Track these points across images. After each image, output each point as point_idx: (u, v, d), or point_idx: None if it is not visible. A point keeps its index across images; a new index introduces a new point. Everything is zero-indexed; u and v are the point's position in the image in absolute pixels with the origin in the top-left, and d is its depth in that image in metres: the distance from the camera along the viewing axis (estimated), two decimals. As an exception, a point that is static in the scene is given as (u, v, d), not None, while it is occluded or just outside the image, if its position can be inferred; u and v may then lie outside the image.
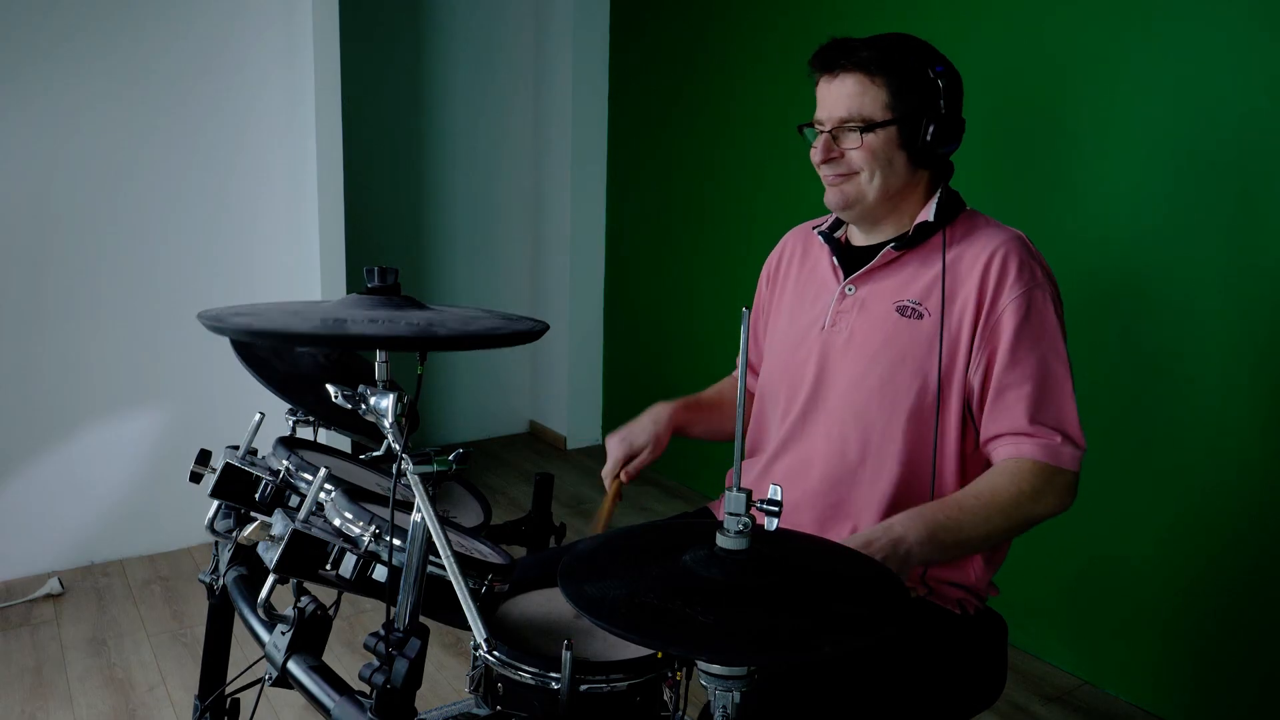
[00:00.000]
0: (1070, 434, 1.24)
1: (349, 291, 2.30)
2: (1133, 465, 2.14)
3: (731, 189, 3.23)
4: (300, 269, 2.91)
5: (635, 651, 0.94)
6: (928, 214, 1.30)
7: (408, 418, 0.91)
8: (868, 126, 1.27)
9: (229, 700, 1.35)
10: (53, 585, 2.57)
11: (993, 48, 2.34)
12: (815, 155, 1.32)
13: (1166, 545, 2.10)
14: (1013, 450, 1.24)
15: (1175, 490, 2.07)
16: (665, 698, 0.92)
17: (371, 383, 0.94)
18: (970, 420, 1.29)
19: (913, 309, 1.29)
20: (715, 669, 0.78)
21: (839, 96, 1.28)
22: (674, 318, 3.58)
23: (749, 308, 1.51)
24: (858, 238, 1.40)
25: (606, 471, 1.45)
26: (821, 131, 1.31)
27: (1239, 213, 1.93)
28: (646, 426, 1.46)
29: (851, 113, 1.27)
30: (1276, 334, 1.90)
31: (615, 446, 1.45)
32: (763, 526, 0.90)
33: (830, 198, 1.34)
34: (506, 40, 3.83)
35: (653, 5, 3.54)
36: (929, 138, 1.27)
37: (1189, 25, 1.96)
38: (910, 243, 1.31)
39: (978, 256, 1.27)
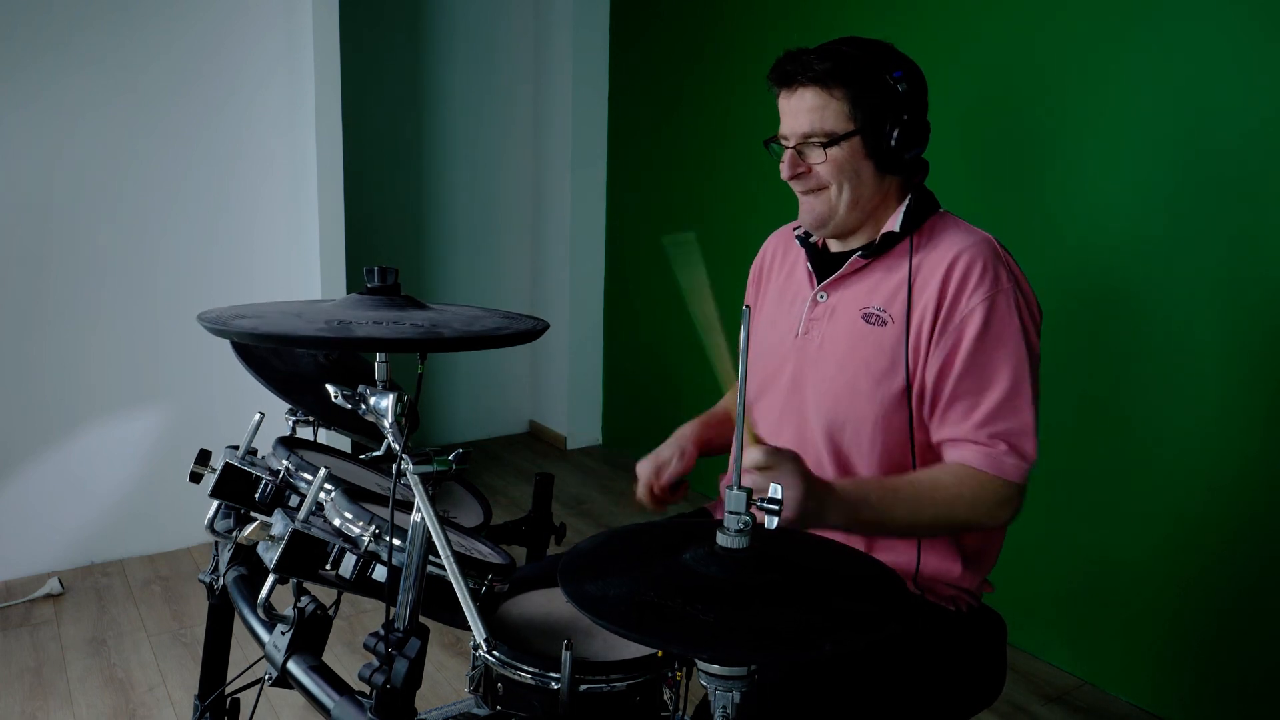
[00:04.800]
0: (1019, 445, 1.21)
1: (349, 291, 2.30)
2: (1131, 466, 2.14)
3: (731, 189, 3.23)
4: (300, 269, 2.91)
5: (635, 651, 0.95)
6: (893, 224, 1.30)
7: (408, 418, 0.91)
8: (831, 140, 1.26)
9: (229, 700, 1.35)
10: (53, 585, 2.57)
11: (987, 50, 2.34)
12: (783, 170, 1.31)
13: (1166, 546, 2.10)
14: (957, 456, 1.23)
15: (1174, 491, 2.07)
16: (665, 698, 0.92)
17: (371, 383, 0.94)
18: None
19: (877, 315, 1.28)
20: (715, 669, 0.78)
21: (799, 111, 1.28)
22: (674, 317, 3.58)
23: (750, 306, 1.51)
24: (834, 244, 1.40)
25: (639, 493, 1.42)
26: (786, 147, 1.31)
27: (1233, 217, 1.93)
28: (670, 442, 1.46)
29: (814, 127, 1.26)
30: (1273, 337, 1.90)
31: (642, 467, 1.42)
32: (763, 525, 0.90)
33: (804, 217, 1.34)
34: (506, 40, 3.83)
35: (653, 5, 3.54)
36: (893, 144, 1.26)
37: (1184, 27, 1.96)
38: (876, 251, 1.30)
39: (941, 260, 1.25)
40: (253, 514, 1.12)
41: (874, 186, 1.30)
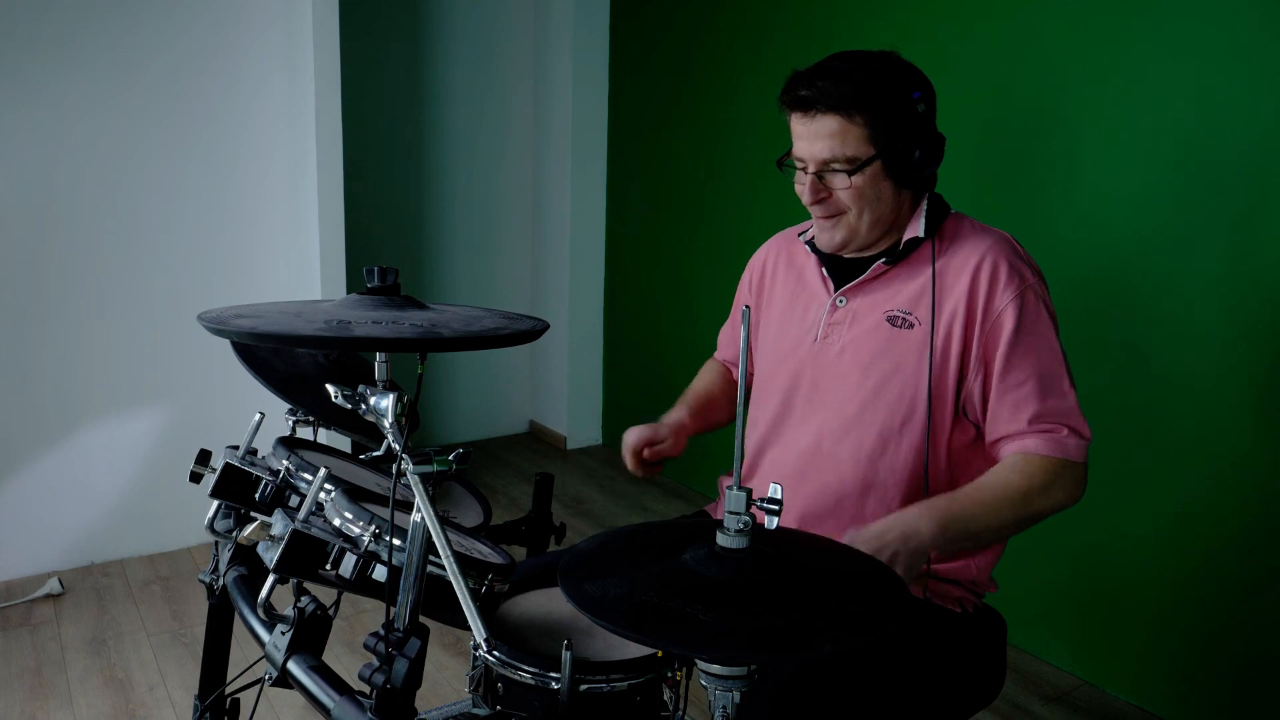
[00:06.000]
0: (1073, 425, 1.25)
1: (349, 291, 2.30)
2: (1131, 467, 2.14)
3: (731, 189, 3.23)
4: (300, 269, 2.91)
5: (635, 651, 0.95)
6: (916, 229, 1.30)
7: (408, 418, 0.91)
8: (854, 167, 1.25)
9: (229, 700, 1.35)
10: (53, 585, 2.57)
11: (989, 50, 2.34)
12: (803, 195, 1.30)
13: (1166, 546, 2.10)
14: (1018, 447, 1.25)
15: (1174, 492, 2.07)
16: (665, 698, 0.92)
17: (371, 383, 0.94)
18: (963, 424, 1.30)
19: (903, 319, 1.29)
20: (715, 669, 0.78)
21: (818, 137, 1.25)
22: (674, 318, 3.58)
23: (750, 306, 1.51)
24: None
25: (626, 454, 1.46)
26: (805, 170, 1.29)
27: (1235, 214, 1.93)
28: (666, 425, 1.50)
29: (835, 154, 1.25)
30: (1271, 338, 1.90)
31: (636, 433, 1.46)
32: (763, 525, 0.90)
33: (823, 240, 1.34)
34: (506, 40, 3.83)
35: (653, 5, 3.54)
36: (915, 161, 1.26)
37: (1186, 25, 1.96)
38: (900, 256, 1.31)
39: (965, 262, 1.27)
40: (253, 514, 1.13)
41: (892, 202, 1.30)
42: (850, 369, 1.32)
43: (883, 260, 1.31)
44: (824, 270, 1.39)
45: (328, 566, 0.93)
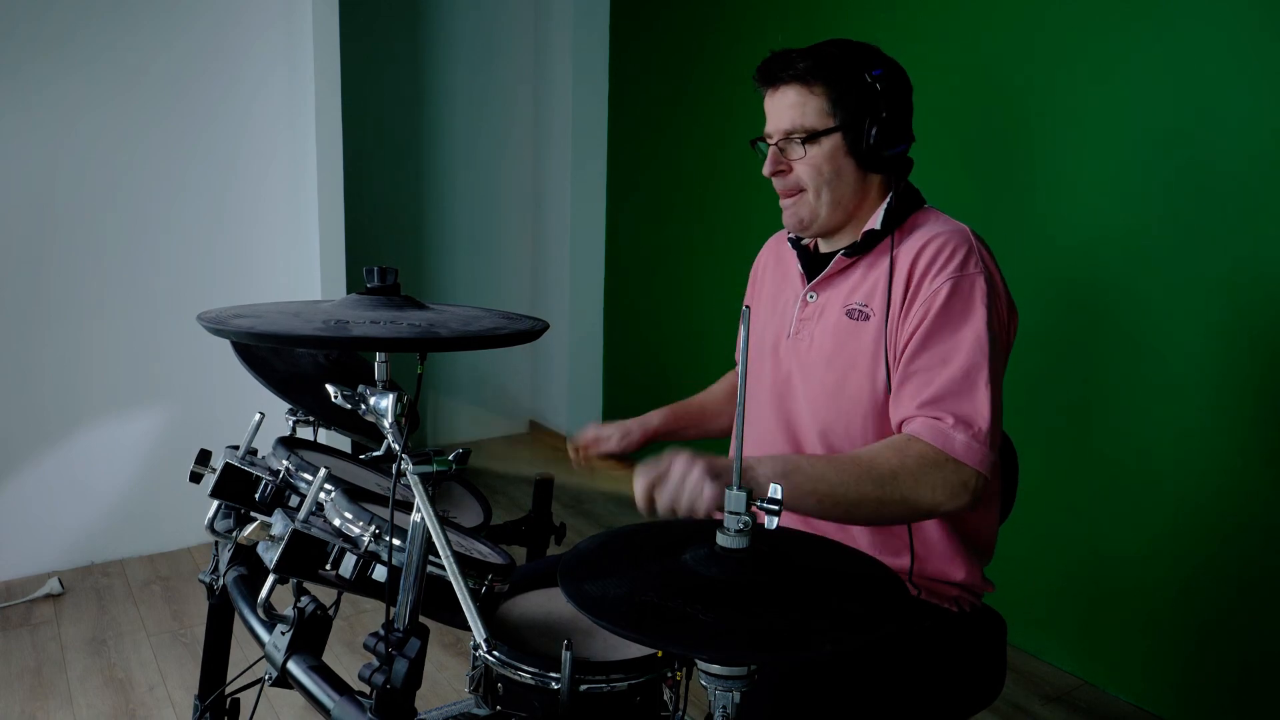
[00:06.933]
0: (973, 426, 1.16)
1: (349, 292, 2.30)
2: (1129, 466, 2.14)
3: (731, 189, 3.23)
4: (300, 269, 2.91)
5: (635, 651, 0.95)
6: (875, 222, 1.31)
7: (407, 418, 0.91)
8: (810, 136, 1.27)
9: (229, 700, 1.35)
10: (53, 585, 2.57)
11: (991, 50, 2.34)
12: (765, 167, 1.33)
13: (1164, 545, 2.10)
14: (907, 430, 1.20)
15: (1172, 490, 2.07)
16: (665, 698, 0.92)
17: (371, 383, 0.94)
18: None
19: (859, 311, 1.29)
20: (715, 669, 0.78)
21: (781, 108, 1.29)
22: (674, 317, 3.58)
23: (749, 306, 1.51)
24: (823, 244, 1.41)
25: (570, 447, 1.51)
26: (770, 144, 1.32)
27: (1232, 216, 1.93)
28: (623, 423, 1.52)
29: (794, 124, 1.28)
30: (1266, 336, 1.90)
31: (586, 430, 1.51)
32: (763, 525, 0.90)
33: (787, 220, 1.35)
34: (506, 40, 3.83)
35: (653, 6, 3.54)
36: (872, 141, 1.26)
37: (1176, 27, 1.96)
38: (860, 250, 1.31)
39: (915, 246, 1.26)
40: (253, 514, 1.13)
41: (855, 185, 1.30)
42: (816, 364, 1.33)
43: (843, 253, 1.32)
44: (800, 267, 1.40)
45: (328, 566, 0.93)
